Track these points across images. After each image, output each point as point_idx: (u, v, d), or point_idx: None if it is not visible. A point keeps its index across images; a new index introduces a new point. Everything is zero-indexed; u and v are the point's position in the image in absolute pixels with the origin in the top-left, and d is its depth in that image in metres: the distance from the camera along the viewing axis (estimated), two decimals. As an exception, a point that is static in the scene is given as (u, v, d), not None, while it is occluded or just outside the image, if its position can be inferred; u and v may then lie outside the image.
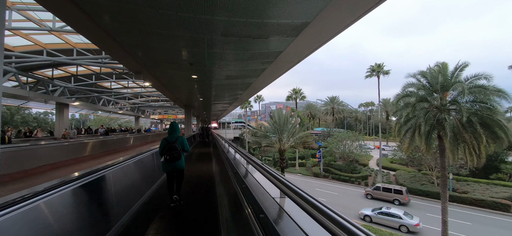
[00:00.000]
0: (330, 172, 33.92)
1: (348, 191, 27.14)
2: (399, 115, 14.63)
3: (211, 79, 8.52)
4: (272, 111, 20.78)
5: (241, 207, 2.70)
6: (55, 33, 11.21)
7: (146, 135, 19.30)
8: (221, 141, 11.43)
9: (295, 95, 37.10)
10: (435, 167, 26.10)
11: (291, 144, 18.68)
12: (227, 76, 8.11)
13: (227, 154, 6.79)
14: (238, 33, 4.58)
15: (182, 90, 11.40)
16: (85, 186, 2.59)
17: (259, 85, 10.64)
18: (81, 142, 9.44)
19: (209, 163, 9.26)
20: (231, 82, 10.09)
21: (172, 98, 15.01)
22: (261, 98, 57.85)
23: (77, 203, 2.41)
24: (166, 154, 4.36)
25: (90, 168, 2.97)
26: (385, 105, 67.20)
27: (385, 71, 28.70)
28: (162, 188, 5.63)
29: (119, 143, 13.35)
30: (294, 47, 5.40)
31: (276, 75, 8.79)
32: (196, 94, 12.56)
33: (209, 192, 5.54)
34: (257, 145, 18.94)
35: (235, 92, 13.45)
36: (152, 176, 5.68)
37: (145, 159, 5.31)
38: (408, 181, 27.51)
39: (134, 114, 32.87)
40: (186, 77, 7.87)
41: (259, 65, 7.01)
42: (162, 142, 4.55)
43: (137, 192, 4.63)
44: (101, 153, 10.47)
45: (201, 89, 10.70)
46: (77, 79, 18.53)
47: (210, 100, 15.84)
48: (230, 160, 6.13)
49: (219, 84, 9.93)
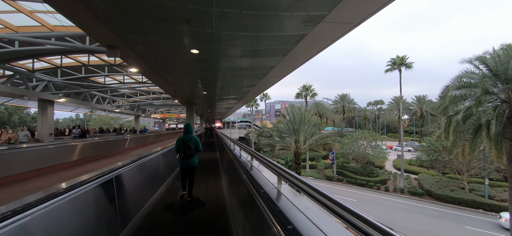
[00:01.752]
0: (345, 175, 31.25)
1: (370, 198, 24.44)
2: (450, 112, 11.94)
3: (218, 60, 6.10)
4: (285, 109, 18.25)
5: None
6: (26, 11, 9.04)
7: (142, 136, 16.85)
8: (230, 144, 9.14)
9: (305, 93, 34.42)
10: (467, 171, 23.29)
11: (310, 146, 16.13)
12: (239, 56, 5.72)
13: (240, 158, 4.63)
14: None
15: (180, 78, 9.00)
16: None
17: (270, 80, 9.35)
18: (38, 148, 7.15)
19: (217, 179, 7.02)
20: (240, 73, 7.76)
21: (171, 92, 12.66)
22: (268, 96, 55.31)
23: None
24: (181, 152, 4.83)
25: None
26: (397, 104, 64.07)
27: (408, 64, 25.91)
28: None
29: (100, 148, 10.94)
30: (309, 40, 4.86)
31: (288, 70, 7.76)
32: (198, 86, 10.18)
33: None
34: (270, 147, 16.49)
35: (242, 87, 11.09)
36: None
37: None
38: (434, 186, 24.69)
39: (133, 113, 30.74)
40: (184, 52, 5.45)
41: (272, 55, 5.84)
42: (178, 140, 5.02)
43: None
44: (63, 165, 7.90)
45: (204, 76, 8.29)
46: (64, 73, 16.37)
47: (214, 95, 13.48)
48: (246, 168, 3.85)
49: (226, 71, 7.52)
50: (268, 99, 55.58)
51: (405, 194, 25.15)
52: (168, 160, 7.58)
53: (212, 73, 7.63)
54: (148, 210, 4.39)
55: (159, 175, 6.02)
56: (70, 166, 8.11)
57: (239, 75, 8.19)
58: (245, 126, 69.31)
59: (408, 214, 20.11)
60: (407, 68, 26.11)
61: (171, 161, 7.77)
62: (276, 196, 2.16)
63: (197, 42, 4.79)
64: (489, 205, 20.56)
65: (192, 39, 4.66)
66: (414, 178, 29.90)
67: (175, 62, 6.44)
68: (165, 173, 6.73)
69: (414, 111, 60.04)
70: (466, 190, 23.37)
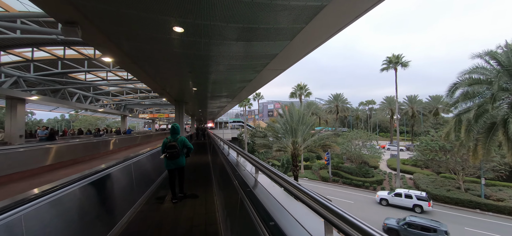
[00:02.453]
0: (340, 176, 30.67)
1: (366, 199, 23.85)
2: (460, 109, 11.30)
3: (208, 45, 5.02)
4: (282, 108, 17.27)
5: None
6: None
7: (126, 138, 15.34)
8: (221, 144, 8.11)
9: (299, 92, 33.63)
10: (462, 171, 23.11)
11: (308, 147, 15.21)
12: (235, 39, 4.66)
13: (236, 167, 3.64)
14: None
15: (166, 70, 7.84)
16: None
17: (262, 79, 9.05)
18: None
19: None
20: (235, 64, 6.67)
21: (158, 89, 11.42)
22: (261, 96, 54.31)
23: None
24: (166, 152, 4.78)
25: None
26: (389, 104, 64.62)
27: (404, 63, 25.55)
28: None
29: (74, 152, 9.49)
30: (306, 33, 4.50)
31: (284, 66, 7.32)
32: (188, 81, 9.04)
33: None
34: (266, 149, 15.46)
35: (236, 82, 10.04)
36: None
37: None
38: (430, 186, 24.40)
39: (120, 113, 29.01)
40: (165, 30, 4.33)
41: (275, 39, 4.94)
42: (164, 141, 4.94)
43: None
44: (20, 174, 6.55)
45: (194, 67, 7.16)
46: (38, 69, 14.78)
47: (206, 92, 12.35)
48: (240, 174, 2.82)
49: (219, 60, 6.44)
50: (261, 99, 54.63)
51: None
52: (152, 165, 6.42)
53: (202, 63, 6.51)
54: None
55: (133, 188, 4.87)
56: (32, 175, 6.79)
57: (233, 67, 7.11)
58: (238, 126, 68.07)
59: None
60: (403, 67, 25.79)
61: (154, 166, 6.61)
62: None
63: (180, 14, 3.69)
64: (486, 204, 20.34)
65: (172, 8, 3.55)
66: (409, 177, 29.66)
67: (156, 47, 5.29)
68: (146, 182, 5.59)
69: (406, 111, 60.66)
70: (462, 189, 23.19)
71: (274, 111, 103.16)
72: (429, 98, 60.09)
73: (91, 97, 21.82)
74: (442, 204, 21.94)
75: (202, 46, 5.06)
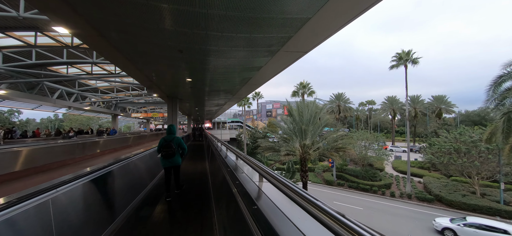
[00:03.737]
0: (345, 179, 29.02)
1: (376, 205, 22.17)
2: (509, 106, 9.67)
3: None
4: (288, 106, 15.47)
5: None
6: None
7: (109, 140, 13.09)
8: (221, 147, 6.39)
9: (302, 91, 31.82)
10: (478, 174, 21.58)
11: (321, 150, 13.31)
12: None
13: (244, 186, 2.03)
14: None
15: (149, 53, 6.02)
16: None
17: (262, 77, 8.40)
18: None
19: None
20: (237, 51, 4.89)
21: (145, 81, 9.56)
22: (260, 95, 52.56)
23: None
24: (162, 151, 4.96)
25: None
26: (391, 104, 63.31)
27: (414, 60, 23.98)
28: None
29: (37, 158, 7.56)
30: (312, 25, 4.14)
31: (286, 63, 6.81)
32: (180, 70, 7.22)
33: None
34: (272, 152, 13.62)
35: (238, 78, 8.34)
36: None
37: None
38: (443, 190, 22.81)
39: (110, 112, 27.00)
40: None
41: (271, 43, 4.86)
42: (160, 140, 5.10)
43: None
44: None
45: (186, 49, 5.35)
46: (9, 59, 12.82)
47: (203, 86, 10.54)
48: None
49: (219, 43, 4.65)
50: (261, 98, 52.87)
51: (413, 199, 23.14)
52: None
53: (197, 42, 4.70)
54: None
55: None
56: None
57: (235, 56, 5.32)
58: (236, 126, 66.21)
59: (426, 225, 17.89)
60: (413, 64, 24.24)
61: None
62: None
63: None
64: (506, 211, 18.80)
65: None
66: (417, 181, 28.09)
67: (131, 13, 3.47)
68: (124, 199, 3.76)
69: (408, 111, 59.27)
70: (478, 194, 21.65)
71: (273, 112, 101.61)
72: (431, 99, 58.85)
73: (76, 94, 19.83)
74: (458, 210, 20.34)
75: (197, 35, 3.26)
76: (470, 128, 23.34)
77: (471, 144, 20.11)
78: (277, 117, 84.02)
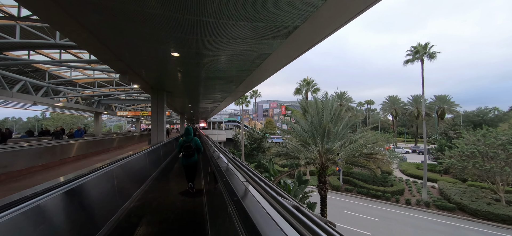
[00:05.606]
0: (353, 184, 26.65)
1: (392, 215, 19.78)
2: None
3: None
4: (302, 102, 12.86)
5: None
6: None
7: (66, 145, 9.46)
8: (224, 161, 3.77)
9: (306, 88, 29.18)
10: (503, 180, 19.46)
11: (349, 157, 10.55)
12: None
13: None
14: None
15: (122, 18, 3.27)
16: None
17: (277, 60, 6.21)
18: None
19: None
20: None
21: (115, 62, 6.74)
22: (258, 94, 49.84)
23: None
24: (183, 151, 5.45)
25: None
26: (392, 103, 61.63)
27: (431, 54, 21.74)
28: None
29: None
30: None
31: (290, 57, 5.82)
32: (168, 50, 4.53)
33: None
34: (286, 158, 10.89)
35: (231, 79, 5.74)
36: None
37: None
38: (464, 198, 20.63)
39: (91, 109, 23.82)
40: None
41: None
42: (180, 141, 5.58)
43: None
44: None
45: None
46: None
47: (198, 79, 7.82)
48: None
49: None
50: (259, 96, 50.17)
51: (431, 208, 20.90)
52: None
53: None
54: None
55: None
56: None
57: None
58: (233, 126, 63.40)
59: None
60: (430, 58, 22.03)
61: None
62: None
63: None
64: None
65: None
66: (431, 185, 25.93)
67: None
68: None
69: (410, 111, 57.75)
70: (503, 202, 19.54)
71: (270, 111, 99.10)
72: (433, 98, 57.37)
73: (46, 87, 16.71)
74: (485, 221, 18.12)
75: None
76: (493, 129, 21.21)
77: (499, 147, 17.94)
78: (274, 117, 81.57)
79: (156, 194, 5.27)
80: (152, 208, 4.39)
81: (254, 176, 3.17)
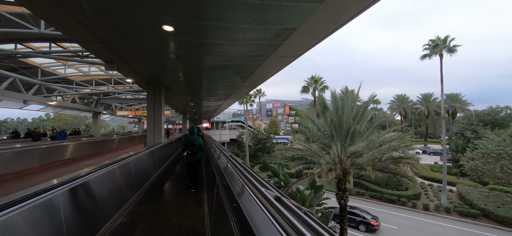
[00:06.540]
0: (365, 188, 25.13)
1: (412, 222, 18.22)
2: None
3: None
4: (319, 99, 11.55)
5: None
6: None
7: (36, 150, 7.60)
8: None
9: (314, 86, 27.69)
10: (533, 184, 17.78)
11: (375, 161, 9.24)
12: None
13: None
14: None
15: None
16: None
17: (292, 47, 5.27)
18: None
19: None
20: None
21: (106, 54, 5.49)
22: (262, 93, 48.52)
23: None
24: (188, 150, 5.73)
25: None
26: (401, 102, 59.72)
27: (451, 48, 20.10)
28: None
29: None
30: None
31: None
32: (163, 34, 3.21)
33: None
34: (303, 163, 9.52)
35: (239, 69, 4.44)
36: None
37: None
38: (489, 203, 19.01)
39: (89, 109, 22.74)
40: None
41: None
42: (184, 140, 5.86)
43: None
44: None
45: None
46: None
47: (200, 71, 6.53)
48: None
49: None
50: (264, 95, 48.84)
51: (452, 214, 19.29)
52: None
53: None
54: None
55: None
56: None
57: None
58: (236, 126, 62.14)
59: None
60: (450, 52, 20.40)
61: None
62: None
63: None
64: None
65: None
66: (449, 189, 24.26)
67: None
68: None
69: (420, 110, 55.80)
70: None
71: (273, 111, 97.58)
72: (445, 97, 55.30)
73: (38, 85, 15.61)
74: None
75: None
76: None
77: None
78: (278, 117, 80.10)
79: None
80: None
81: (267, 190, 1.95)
